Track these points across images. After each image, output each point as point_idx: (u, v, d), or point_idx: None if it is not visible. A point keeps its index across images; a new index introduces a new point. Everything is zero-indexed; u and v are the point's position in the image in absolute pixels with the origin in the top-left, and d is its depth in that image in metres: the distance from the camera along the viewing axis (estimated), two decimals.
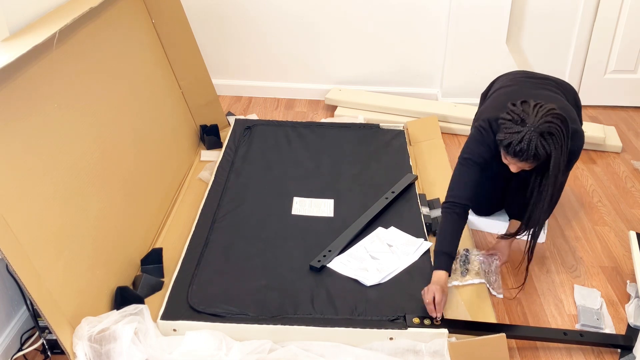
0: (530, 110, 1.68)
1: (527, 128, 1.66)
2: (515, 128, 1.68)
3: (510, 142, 1.68)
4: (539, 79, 2.05)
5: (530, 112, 1.67)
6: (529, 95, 1.90)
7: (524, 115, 1.67)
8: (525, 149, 1.66)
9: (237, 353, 1.59)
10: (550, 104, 1.71)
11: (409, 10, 3.14)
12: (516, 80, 2.08)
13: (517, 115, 1.69)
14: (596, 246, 2.18)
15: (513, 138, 1.67)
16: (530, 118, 1.66)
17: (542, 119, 1.65)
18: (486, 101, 2.09)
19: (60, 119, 1.74)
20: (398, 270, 1.89)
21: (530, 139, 1.65)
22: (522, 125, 1.67)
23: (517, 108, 1.70)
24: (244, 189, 2.29)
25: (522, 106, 1.71)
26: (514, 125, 1.68)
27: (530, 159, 1.69)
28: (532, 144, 1.65)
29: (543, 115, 1.66)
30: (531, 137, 1.65)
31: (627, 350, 1.70)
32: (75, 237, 1.67)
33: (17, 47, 1.54)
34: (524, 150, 1.67)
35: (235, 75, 3.40)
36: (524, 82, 2.05)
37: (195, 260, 1.91)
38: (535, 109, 1.68)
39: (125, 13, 2.30)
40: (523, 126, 1.66)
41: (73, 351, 1.52)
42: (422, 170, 2.55)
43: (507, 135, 1.69)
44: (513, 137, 1.68)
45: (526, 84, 2.03)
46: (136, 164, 2.11)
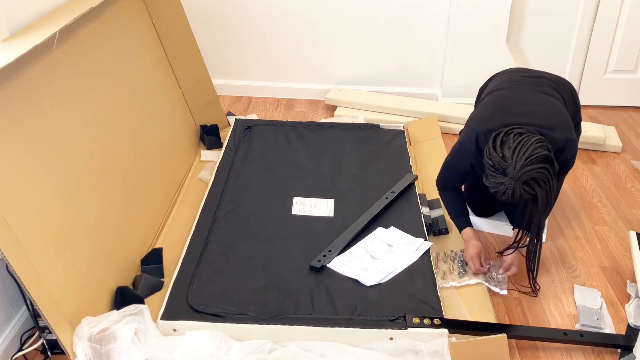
0: (510, 158, 1.65)
1: (508, 180, 1.65)
2: (497, 178, 1.68)
3: (497, 192, 1.70)
4: (535, 77, 2.03)
5: (510, 161, 1.64)
6: (520, 103, 1.89)
7: (504, 164, 1.66)
8: (510, 198, 1.68)
9: (237, 353, 1.59)
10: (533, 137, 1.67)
11: (409, 10, 3.14)
12: (511, 81, 2.04)
13: (497, 163, 1.67)
14: (596, 246, 2.18)
15: (497, 188, 1.69)
16: (510, 168, 1.64)
17: (522, 169, 1.63)
18: (479, 104, 2.06)
19: (60, 119, 1.74)
20: (398, 270, 1.89)
21: (513, 190, 1.66)
22: (504, 175, 1.66)
23: (497, 154, 1.67)
24: (244, 189, 2.29)
25: (501, 150, 1.67)
26: (497, 174, 1.68)
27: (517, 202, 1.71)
28: (515, 193, 1.66)
29: (523, 164, 1.63)
30: (514, 188, 1.66)
31: (627, 350, 1.70)
32: (75, 237, 1.67)
33: (17, 47, 1.54)
34: (509, 199, 1.69)
35: (235, 75, 3.40)
36: (519, 83, 2.02)
37: (195, 260, 1.91)
38: (515, 155, 1.64)
39: (125, 13, 2.30)
40: (505, 176, 1.66)
41: (73, 351, 1.52)
42: (422, 170, 2.55)
43: (492, 183, 1.70)
44: (497, 187, 1.69)
45: (521, 86, 2.00)
46: (136, 164, 2.11)
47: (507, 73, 2.13)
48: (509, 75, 2.10)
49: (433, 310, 1.72)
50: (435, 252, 2.03)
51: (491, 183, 1.71)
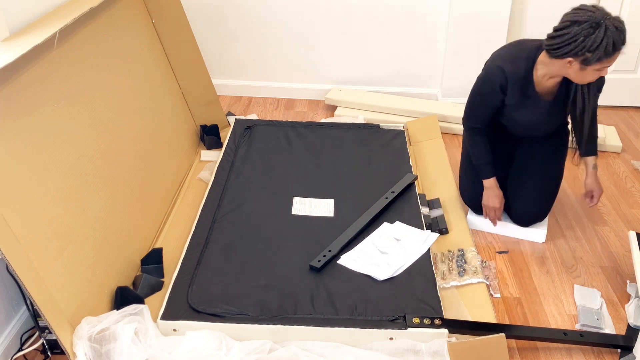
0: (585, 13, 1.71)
1: (603, 20, 1.69)
2: (600, 33, 1.69)
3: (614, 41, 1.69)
4: None
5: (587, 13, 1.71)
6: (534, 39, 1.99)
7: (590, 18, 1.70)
8: (621, 27, 1.70)
9: (237, 353, 1.59)
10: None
11: (409, 10, 3.14)
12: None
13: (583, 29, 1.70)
14: (596, 246, 2.18)
15: (609, 37, 1.69)
16: (594, 16, 1.69)
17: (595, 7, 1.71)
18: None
19: (60, 118, 1.74)
20: (408, 263, 1.89)
21: (614, 22, 1.69)
22: (599, 26, 1.69)
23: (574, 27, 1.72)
24: (244, 189, 2.29)
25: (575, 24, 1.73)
26: (594, 35, 1.69)
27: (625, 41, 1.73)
28: (619, 21, 1.70)
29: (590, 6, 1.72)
30: (614, 20, 1.69)
31: (627, 351, 1.70)
32: (75, 237, 1.67)
33: (17, 47, 1.54)
34: (623, 32, 1.71)
35: (235, 75, 3.40)
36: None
37: (195, 260, 1.91)
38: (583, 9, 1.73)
39: (125, 13, 2.30)
40: (600, 25, 1.69)
41: (73, 351, 1.52)
42: (422, 170, 2.55)
43: (603, 42, 1.69)
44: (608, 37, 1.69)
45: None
46: (136, 164, 2.11)
47: None
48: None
49: (433, 310, 1.72)
50: (433, 253, 2.03)
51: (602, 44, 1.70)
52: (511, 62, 1.94)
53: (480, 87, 2.04)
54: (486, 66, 2.02)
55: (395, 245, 1.97)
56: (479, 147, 2.10)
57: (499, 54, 2.01)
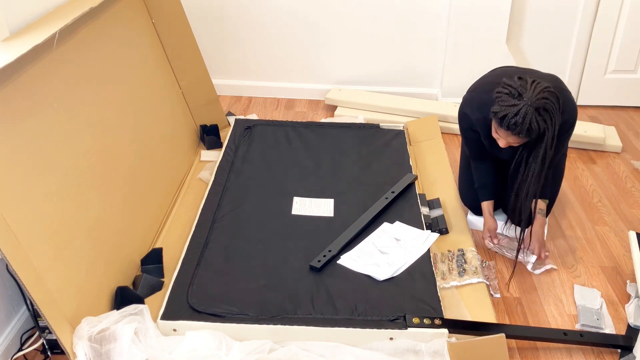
0: (528, 86, 1.69)
1: (523, 102, 1.67)
2: (511, 101, 1.69)
3: (506, 115, 1.69)
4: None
5: (528, 87, 1.69)
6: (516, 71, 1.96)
7: (521, 90, 1.68)
8: (520, 122, 1.67)
9: (237, 353, 1.59)
10: (545, 82, 1.73)
11: (409, 10, 3.14)
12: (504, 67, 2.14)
13: (514, 89, 1.70)
14: (596, 246, 2.18)
15: (509, 111, 1.68)
16: (528, 93, 1.67)
17: (539, 95, 1.67)
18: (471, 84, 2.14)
19: (60, 118, 1.74)
20: (408, 263, 1.89)
21: (526, 113, 1.66)
22: (518, 99, 1.68)
23: (515, 82, 1.71)
24: (244, 189, 2.29)
25: (519, 81, 1.72)
26: (511, 98, 1.69)
27: (523, 133, 1.70)
28: (527, 117, 1.66)
29: (540, 91, 1.68)
30: (527, 111, 1.66)
31: (627, 351, 1.70)
32: (75, 237, 1.67)
33: (17, 47, 1.54)
34: (518, 124, 1.67)
35: (235, 75, 3.40)
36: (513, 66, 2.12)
37: (195, 260, 1.91)
38: (532, 85, 1.70)
39: (125, 13, 2.30)
40: (519, 100, 1.68)
41: (73, 351, 1.52)
42: (422, 170, 2.55)
43: (503, 107, 1.70)
44: (509, 110, 1.68)
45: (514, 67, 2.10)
46: (136, 164, 2.11)
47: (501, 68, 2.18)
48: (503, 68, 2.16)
49: (433, 310, 1.72)
50: (433, 253, 2.03)
51: (502, 108, 1.70)
52: (477, 108, 1.96)
53: (460, 129, 2.11)
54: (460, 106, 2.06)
55: (395, 245, 1.97)
56: (477, 171, 2.14)
57: (467, 98, 2.03)
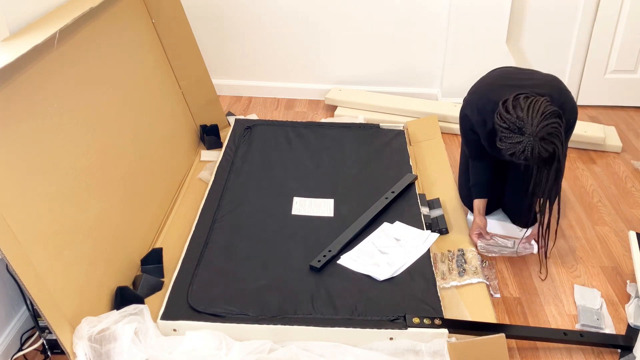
0: (525, 116, 1.67)
1: (526, 137, 1.66)
2: (515, 138, 1.68)
3: (514, 153, 1.70)
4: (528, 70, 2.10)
5: (526, 119, 1.67)
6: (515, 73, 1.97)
7: (520, 124, 1.67)
8: (530, 156, 1.68)
9: (237, 353, 1.59)
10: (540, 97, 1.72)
11: (409, 10, 3.14)
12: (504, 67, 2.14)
13: (512, 124, 1.69)
14: (596, 246, 2.18)
15: (515, 149, 1.69)
16: (527, 125, 1.66)
17: (539, 124, 1.65)
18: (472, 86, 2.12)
19: (60, 118, 1.74)
20: (408, 263, 1.89)
21: (532, 147, 1.66)
22: (521, 134, 1.67)
23: (512, 116, 1.69)
24: (244, 189, 2.29)
25: (515, 111, 1.69)
26: (513, 134, 1.68)
27: (535, 163, 1.71)
28: (535, 150, 1.67)
29: (540, 120, 1.66)
30: (534, 145, 1.66)
31: (627, 351, 1.70)
32: (75, 237, 1.67)
33: (17, 47, 1.54)
34: (528, 159, 1.69)
35: (235, 75, 3.40)
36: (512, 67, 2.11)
37: (195, 260, 1.91)
38: (530, 113, 1.67)
39: (125, 13, 2.30)
40: (522, 135, 1.67)
41: (73, 351, 1.52)
42: (422, 170, 2.55)
43: (509, 145, 1.70)
44: (515, 148, 1.68)
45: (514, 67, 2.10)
46: (136, 164, 2.11)
47: (500, 69, 2.17)
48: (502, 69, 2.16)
49: (433, 310, 1.72)
50: (433, 253, 2.03)
51: (507, 145, 1.70)
52: (477, 111, 1.95)
53: (460, 132, 2.12)
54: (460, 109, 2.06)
55: (395, 245, 1.98)
56: (474, 170, 2.13)
57: (468, 100, 2.01)
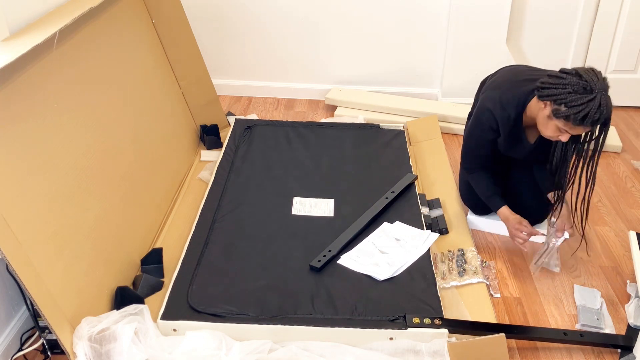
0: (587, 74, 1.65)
1: (598, 92, 1.62)
2: (585, 97, 1.63)
3: (587, 113, 1.63)
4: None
5: (590, 76, 1.65)
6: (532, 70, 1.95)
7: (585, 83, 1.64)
8: (605, 112, 1.63)
9: (237, 353, 1.59)
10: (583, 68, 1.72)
11: (409, 10, 3.14)
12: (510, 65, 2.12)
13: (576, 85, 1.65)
14: (596, 246, 2.18)
15: (589, 107, 1.62)
16: (593, 82, 1.63)
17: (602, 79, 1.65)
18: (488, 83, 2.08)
19: (60, 118, 1.74)
20: (409, 263, 1.90)
21: (607, 102, 1.63)
22: (590, 92, 1.63)
23: (572, 78, 1.66)
24: (244, 189, 2.29)
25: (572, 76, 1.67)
26: (581, 95, 1.64)
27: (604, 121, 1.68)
28: (609, 106, 1.64)
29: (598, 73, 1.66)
30: (607, 101, 1.63)
31: (627, 350, 1.71)
32: (75, 237, 1.67)
33: (17, 47, 1.54)
34: (603, 115, 1.64)
35: (235, 75, 3.40)
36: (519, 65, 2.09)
37: (195, 260, 1.91)
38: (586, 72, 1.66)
39: (125, 13, 2.30)
40: (592, 93, 1.63)
41: (73, 351, 1.52)
42: (422, 170, 2.55)
43: (581, 107, 1.63)
44: (588, 107, 1.62)
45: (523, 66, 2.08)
46: (136, 164, 2.11)
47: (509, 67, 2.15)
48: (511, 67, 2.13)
49: (433, 310, 1.72)
50: (433, 253, 2.03)
51: (579, 108, 1.64)
52: (501, 106, 1.91)
53: (473, 130, 2.01)
54: (478, 106, 1.98)
55: (395, 245, 1.98)
56: (481, 182, 2.08)
57: (491, 96, 1.94)
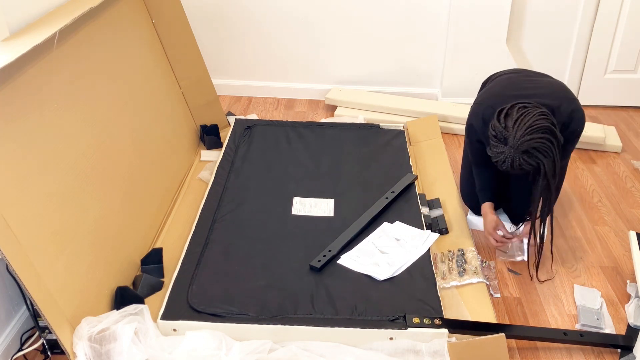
0: (511, 128, 1.69)
1: (507, 149, 1.69)
2: (499, 147, 1.72)
3: (497, 161, 1.74)
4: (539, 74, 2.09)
5: (511, 130, 1.68)
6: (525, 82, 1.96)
7: (506, 134, 1.70)
8: (510, 167, 1.71)
9: (237, 353, 1.59)
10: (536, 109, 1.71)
11: (409, 10, 3.14)
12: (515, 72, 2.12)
13: (499, 132, 1.72)
14: (596, 246, 2.18)
15: (498, 157, 1.73)
16: (511, 137, 1.68)
17: (522, 138, 1.66)
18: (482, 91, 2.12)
19: (60, 118, 1.74)
20: (409, 263, 1.90)
21: (513, 159, 1.69)
22: (504, 144, 1.70)
23: (500, 124, 1.72)
24: (244, 189, 2.29)
25: (505, 121, 1.72)
26: (498, 144, 1.72)
27: (519, 173, 1.75)
28: (515, 163, 1.70)
29: (524, 132, 1.66)
30: (514, 157, 1.69)
31: (627, 350, 1.70)
32: (75, 237, 1.67)
33: (17, 47, 1.54)
34: (509, 169, 1.72)
35: (235, 75, 3.40)
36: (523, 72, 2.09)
37: (195, 260, 1.91)
38: (515, 125, 1.68)
39: (125, 13, 2.30)
40: (505, 145, 1.70)
41: (73, 351, 1.52)
42: (422, 170, 2.55)
43: (493, 153, 1.75)
44: (498, 157, 1.73)
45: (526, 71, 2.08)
46: (136, 164, 2.11)
47: (509, 72, 2.15)
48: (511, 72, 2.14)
49: (433, 310, 1.72)
50: (433, 253, 2.03)
51: (493, 153, 1.75)
52: (483, 122, 1.94)
53: (465, 137, 2.10)
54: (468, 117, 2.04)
55: (395, 245, 1.98)
56: (480, 176, 2.12)
57: (475, 111, 1.99)
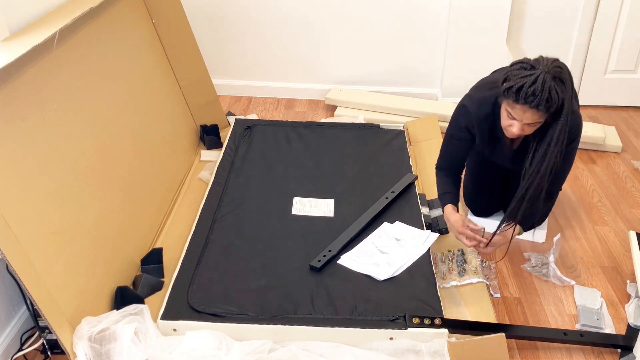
0: (540, 58, 1.63)
1: (540, 70, 1.58)
2: (526, 73, 1.60)
3: (522, 85, 1.59)
4: None
5: (541, 60, 1.62)
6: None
7: (534, 62, 1.62)
8: (539, 90, 1.57)
9: (237, 353, 1.59)
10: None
11: (409, 10, 3.14)
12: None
13: (526, 63, 1.63)
14: (596, 246, 2.18)
15: (525, 81, 1.59)
16: (541, 63, 1.61)
17: (552, 64, 1.60)
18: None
19: (60, 118, 1.74)
20: (409, 263, 1.89)
21: (544, 80, 1.57)
22: (533, 70, 1.60)
23: (525, 59, 1.66)
24: (244, 189, 2.29)
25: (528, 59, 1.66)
26: (525, 71, 1.61)
27: (542, 104, 1.59)
28: (545, 84, 1.57)
29: (552, 61, 1.61)
30: (545, 78, 1.57)
31: (627, 350, 1.71)
32: (75, 237, 1.67)
33: (17, 47, 1.54)
34: (537, 92, 1.58)
35: (235, 75, 3.40)
36: None
37: (195, 260, 1.91)
38: (543, 58, 1.64)
39: (125, 13, 2.30)
40: (534, 70, 1.60)
41: (73, 351, 1.52)
42: (422, 170, 2.55)
43: (519, 79, 1.60)
44: (525, 80, 1.59)
45: None
46: (136, 164, 2.11)
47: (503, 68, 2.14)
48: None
49: (433, 310, 1.72)
50: (433, 253, 2.03)
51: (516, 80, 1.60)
52: (478, 104, 1.89)
53: (448, 127, 2.00)
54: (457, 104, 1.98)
55: (396, 245, 1.98)
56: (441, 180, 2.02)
57: (468, 94, 1.94)
